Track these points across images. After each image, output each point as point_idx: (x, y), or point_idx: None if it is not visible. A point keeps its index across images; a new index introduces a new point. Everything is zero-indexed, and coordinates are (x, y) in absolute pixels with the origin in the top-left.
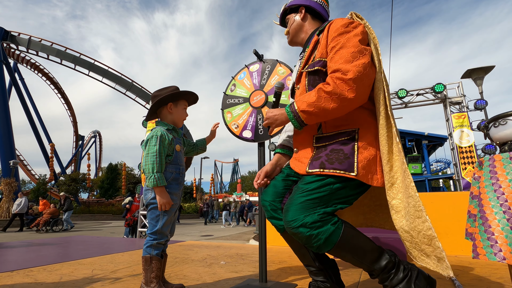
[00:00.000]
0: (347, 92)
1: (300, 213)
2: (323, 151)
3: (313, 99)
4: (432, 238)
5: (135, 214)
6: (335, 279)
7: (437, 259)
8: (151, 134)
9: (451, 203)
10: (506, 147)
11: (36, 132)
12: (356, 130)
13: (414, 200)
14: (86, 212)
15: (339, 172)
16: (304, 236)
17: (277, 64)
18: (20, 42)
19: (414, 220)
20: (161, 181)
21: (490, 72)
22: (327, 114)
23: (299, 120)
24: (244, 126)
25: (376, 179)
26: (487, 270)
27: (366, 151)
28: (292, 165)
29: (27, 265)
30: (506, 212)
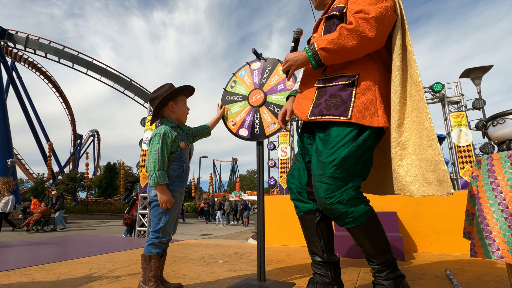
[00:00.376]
0: (368, 31)
1: (335, 189)
2: (323, 96)
3: (334, 36)
4: (439, 163)
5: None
6: (335, 276)
7: (438, 183)
8: (154, 132)
9: (449, 202)
10: (504, 146)
11: (34, 131)
12: (357, 75)
13: (428, 131)
14: (85, 211)
15: (333, 118)
16: (339, 212)
17: (278, 64)
18: (18, 41)
19: (425, 150)
20: (162, 179)
21: (488, 72)
22: (346, 53)
23: (317, 59)
24: (241, 124)
25: (376, 120)
26: (485, 269)
27: (363, 96)
28: (295, 109)
29: (24, 264)
30: (504, 211)
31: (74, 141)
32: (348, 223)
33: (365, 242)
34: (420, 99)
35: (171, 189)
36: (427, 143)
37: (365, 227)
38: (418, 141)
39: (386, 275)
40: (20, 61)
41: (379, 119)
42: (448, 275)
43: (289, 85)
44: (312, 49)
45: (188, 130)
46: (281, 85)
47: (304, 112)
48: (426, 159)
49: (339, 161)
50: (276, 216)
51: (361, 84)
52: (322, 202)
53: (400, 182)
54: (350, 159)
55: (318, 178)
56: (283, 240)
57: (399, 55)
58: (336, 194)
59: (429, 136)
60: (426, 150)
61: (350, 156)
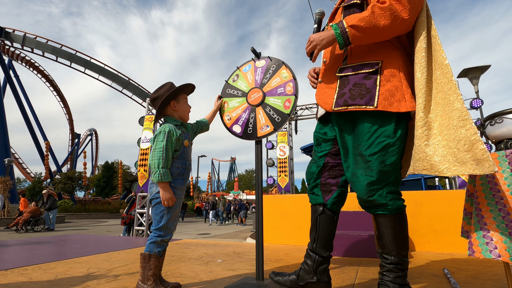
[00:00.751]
0: (401, 12)
1: (378, 183)
2: (346, 85)
3: (366, 14)
4: (475, 142)
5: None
6: (317, 269)
7: (475, 162)
8: (159, 130)
9: (447, 201)
10: (502, 145)
11: (31, 130)
12: (380, 62)
13: (460, 111)
14: (82, 211)
15: (359, 107)
16: (379, 203)
17: (283, 66)
18: (15, 39)
19: (456, 130)
20: (166, 176)
21: (486, 72)
22: (376, 32)
23: (345, 37)
24: (236, 120)
25: (404, 105)
26: (482, 268)
27: (388, 83)
28: (318, 99)
29: (21, 264)
30: (501, 210)
31: (72, 140)
32: (381, 211)
33: (387, 234)
34: (447, 81)
35: (173, 186)
36: (459, 123)
37: (394, 219)
38: (445, 122)
39: (395, 278)
40: (17, 60)
41: (407, 104)
42: (446, 274)
43: (289, 91)
44: (341, 26)
45: (190, 128)
46: (281, 89)
47: (328, 103)
48: (459, 139)
49: (381, 154)
50: (275, 215)
51: (384, 72)
52: (362, 194)
53: (428, 162)
54: (390, 151)
55: (357, 170)
56: (282, 239)
57: (425, 37)
58: (378, 187)
59: (461, 116)
60: (457, 130)
61: (388, 147)
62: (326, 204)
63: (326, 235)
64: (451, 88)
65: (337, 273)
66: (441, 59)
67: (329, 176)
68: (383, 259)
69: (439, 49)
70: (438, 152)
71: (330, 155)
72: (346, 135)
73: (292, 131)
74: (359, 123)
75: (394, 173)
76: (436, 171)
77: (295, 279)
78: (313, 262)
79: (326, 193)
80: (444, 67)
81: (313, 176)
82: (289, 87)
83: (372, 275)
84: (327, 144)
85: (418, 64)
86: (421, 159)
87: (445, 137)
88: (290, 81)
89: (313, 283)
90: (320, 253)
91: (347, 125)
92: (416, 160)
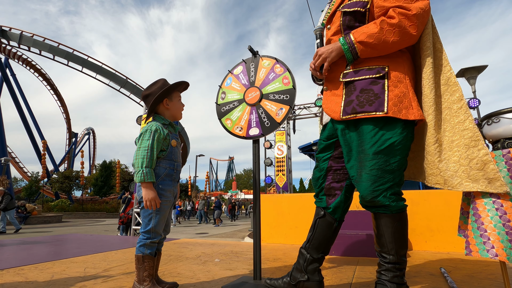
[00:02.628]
0: (409, 28)
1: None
2: (353, 91)
3: (375, 30)
4: (488, 162)
5: (129, 212)
6: (307, 268)
7: (487, 181)
8: (145, 128)
9: (444, 201)
10: (499, 144)
11: (28, 129)
12: (386, 67)
13: (472, 131)
14: (80, 210)
15: (369, 114)
16: (381, 204)
17: (260, 59)
18: (12, 37)
19: (468, 149)
20: (149, 176)
21: (483, 72)
22: (384, 48)
23: (354, 52)
24: (249, 125)
25: (412, 113)
26: (479, 267)
27: (396, 89)
28: (325, 107)
29: (17, 264)
30: (498, 209)
31: (69, 139)
32: (382, 211)
33: (387, 233)
34: (457, 100)
35: (161, 188)
36: (471, 142)
37: (394, 219)
38: (455, 139)
39: (392, 277)
40: (14, 58)
41: (414, 111)
42: (443, 273)
43: (279, 71)
44: (349, 41)
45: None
46: (272, 74)
47: (336, 111)
48: (471, 158)
49: (386, 152)
50: (272, 214)
51: (392, 76)
52: (367, 194)
53: (442, 177)
54: (395, 150)
55: (361, 169)
56: (279, 239)
57: (431, 51)
58: (383, 188)
59: (473, 136)
60: (469, 149)
61: (393, 146)
62: (329, 208)
63: (321, 238)
64: (461, 107)
65: (334, 272)
66: (448, 75)
67: (333, 180)
68: (382, 258)
69: (447, 64)
70: (449, 167)
71: (333, 158)
72: (349, 132)
73: (290, 130)
74: (363, 125)
75: (399, 174)
76: (449, 186)
77: (288, 280)
78: (304, 261)
79: (329, 197)
80: (452, 84)
81: (318, 181)
82: (278, 69)
83: (369, 274)
84: (329, 148)
85: (426, 80)
86: (435, 174)
87: (456, 154)
88: (274, 64)
89: (304, 282)
90: (311, 254)
91: (350, 123)
92: (429, 174)
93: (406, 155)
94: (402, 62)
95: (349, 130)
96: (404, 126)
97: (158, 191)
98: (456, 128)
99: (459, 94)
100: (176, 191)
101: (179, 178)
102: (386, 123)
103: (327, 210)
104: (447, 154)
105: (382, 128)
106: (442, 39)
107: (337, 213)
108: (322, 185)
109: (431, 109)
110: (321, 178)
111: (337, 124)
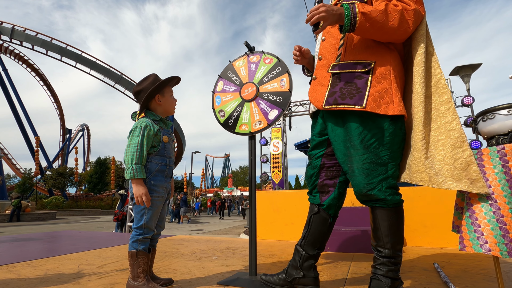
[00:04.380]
0: (408, 21)
1: (371, 178)
2: (338, 83)
3: (380, 7)
4: (471, 163)
5: (124, 208)
6: (303, 265)
7: (470, 181)
8: (135, 125)
9: (437, 197)
10: (493, 141)
11: (20, 125)
12: (373, 63)
13: (458, 132)
14: (74, 207)
15: (348, 107)
16: (377, 197)
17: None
18: (3, 32)
19: (453, 150)
20: (139, 173)
21: (477, 70)
22: (380, 30)
23: (353, 21)
24: (264, 113)
25: (392, 109)
26: (471, 262)
27: (379, 85)
28: (311, 96)
29: (10, 261)
30: (492, 205)
31: (63, 135)
32: (379, 204)
33: (383, 227)
34: (445, 101)
35: (153, 184)
36: (457, 143)
37: (391, 212)
38: (441, 139)
39: (387, 272)
40: (6, 53)
41: (395, 107)
42: (436, 268)
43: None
44: (352, 9)
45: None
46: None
47: (319, 101)
48: (456, 158)
49: (375, 146)
50: (268, 211)
51: (376, 72)
52: (361, 188)
53: (427, 174)
54: (384, 143)
55: (352, 164)
56: (275, 235)
57: (424, 51)
58: (376, 181)
59: (459, 137)
60: (454, 149)
61: (382, 140)
62: (323, 204)
63: (316, 235)
64: (449, 108)
65: (329, 268)
66: (438, 77)
67: (326, 177)
68: (377, 252)
69: (437, 67)
70: (434, 165)
71: (326, 155)
72: (337, 128)
73: (286, 127)
74: (350, 120)
75: (392, 167)
76: (434, 184)
77: (284, 276)
78: (299, 258)
79: (323, 194)
80: (441, 87)
81: (311, 179)
82: (256, 55)
83: (364, 269)
84: (322, 145)
85: (418, 78)
86: (420, 171)
87: (441, 153)
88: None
89: (299, 278)
90: (307, 250)
91: (338, 119)
92: (414, 171)
93: (398, 148)
94: (389, 59)
95: (337, 126)
96: (391, 121)
97: (150, 186)
98: (443, 128)
99: (448, 96)
100: (169, 186)
101: (172, 174)
102: (373, 119)
103: (321, 206)
104: (432, 152)
105: (368, 123)
106: (437, 37)
107: (332, 209)
108: (316, 182)
109: (421, 105)
110: (314, 175)
111: (327, 120)
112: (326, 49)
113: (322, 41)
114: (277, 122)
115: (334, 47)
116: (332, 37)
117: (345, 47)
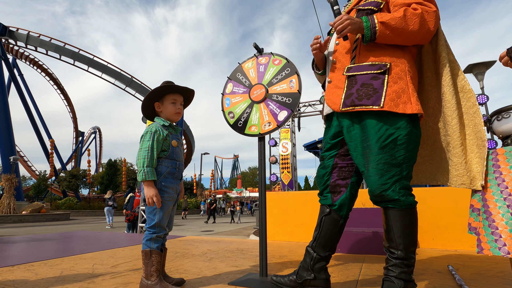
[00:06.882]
0: (428, 22)
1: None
2: (354, 85)
3: (398, 14)
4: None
5: (136, 209)
6: (314, 267)
7: (470, 180)
8: (146, 130)
9: (451, 198)
10: (509, 140)
11: (36, 128)
12: (388, 64)
13: (482, 133)
14: (87, 208)
15: (366, 107)
16: (391, 198)
17: (272, 57)
18: (19, 38)
19: (482, 150)
20: (150, 175)
21: (491, 68)
22: (401, 35)
23: (373, 31)
24: (274, 114)
25: (410, 107)
26: (487, 264)
27: (395, 85)
28: (327, 99)
29: (27, 260)
30: (510, 206)
31: (76, 138)
32: (392, 205)
33: (396, 228)
34: (472, 105)
35: (163, 185)
36: (482, 143)
37: (404, 214)
38: (475, 142)
39: (400, 274)
40: (21, 58)
41: (413, 106)
42: (451, 270)
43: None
44: (371, 20)
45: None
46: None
47: (336, 103)
48: (484, 158)
49: (390, 147)
50: (278, 212)
51: (392, 73)
52: (375, 188)
53: (468, 178)
54: (399, 144)
55: (368, 164)
56: (285, 236)
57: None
58: (391, 181)
59: (483, 137)
60: (482, 150)
61: (397, 141)
62: (334, 205)
63: (327, 236)
64: (476, 111)
65: (340, 270)
66: (463, 83)
67: (339, 177)
68: (390, 253)
69: (460, 73)
70: (473, 168)
71: (339, 156)
72: (354, 129)
73: (295, 128)
74: (367, 120)
75: (407, 168)
76: (474, 186)
77: (294, 278)
78: (311, 259)
79: (335, 194)
80: (467, 91)
81: (323, 179)
82: (265, 57)
83: (376, 271)
84: (335, 146)
85: (447, 87)
86: (460, 175)
87: (477, 155)
88: (258, 57)
89: (310, 280)
90: (318, 252)
91: (354, 120)
92: (454, 175)
93: (413, 148)
94: (404, 60)
95: (354, 126)
96: (408, 121)
97: (161, 188)
98: (474, 131)
99: (474, 99)
100: (179, 188)
101: (182, 176)
102: (390, 118)
103: (332, 207)
104: (470, 156)
105: (385, 123)
106: (449, 34)
107: (343, 210)
108: (327, 182)
109: (454, 113)
110: (326, 175)
111: (342, 122)
112: (340, 53)
113: (336, 45)
114: (286, 123)
115: (349, 50)
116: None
117: (359, 49)
